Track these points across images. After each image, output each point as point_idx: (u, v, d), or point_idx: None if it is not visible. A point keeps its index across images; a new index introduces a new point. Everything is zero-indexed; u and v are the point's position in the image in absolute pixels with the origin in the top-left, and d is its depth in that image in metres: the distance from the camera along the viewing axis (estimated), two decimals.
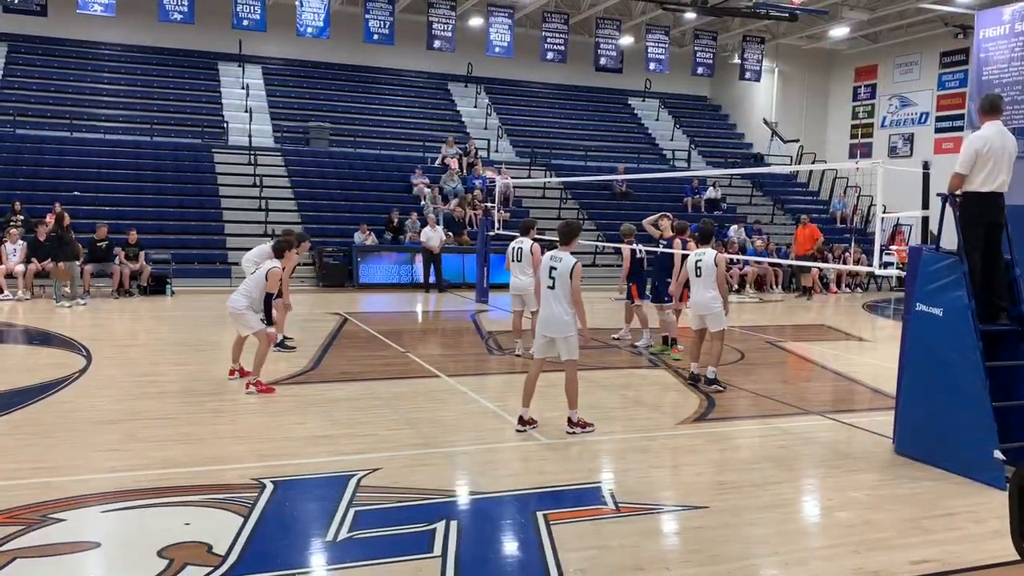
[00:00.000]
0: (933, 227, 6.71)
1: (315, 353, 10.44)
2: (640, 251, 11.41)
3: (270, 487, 5.41)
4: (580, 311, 6.90)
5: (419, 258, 19.23)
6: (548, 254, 7.09)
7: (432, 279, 18.83)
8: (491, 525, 5.07)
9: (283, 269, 9.71)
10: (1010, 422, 6.02)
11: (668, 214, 11.93)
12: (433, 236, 18.82)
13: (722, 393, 8.57)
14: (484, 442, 6.76)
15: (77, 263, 15.34)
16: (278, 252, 9.22)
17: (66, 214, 15.76)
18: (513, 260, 10.30)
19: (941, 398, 6.19)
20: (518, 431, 6.93)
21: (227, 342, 11.31)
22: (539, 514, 5.08)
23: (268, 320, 8.50)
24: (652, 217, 11.79)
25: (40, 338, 11.52)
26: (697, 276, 8.77)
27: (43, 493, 5.20)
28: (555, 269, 6.89)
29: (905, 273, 6.74)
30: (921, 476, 6.04)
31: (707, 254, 8.75)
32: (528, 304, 9.93)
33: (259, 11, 21.60)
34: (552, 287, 6.88)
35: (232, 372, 8.86)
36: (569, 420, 6.98)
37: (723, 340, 8.86)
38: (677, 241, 10.69)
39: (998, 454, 5.77)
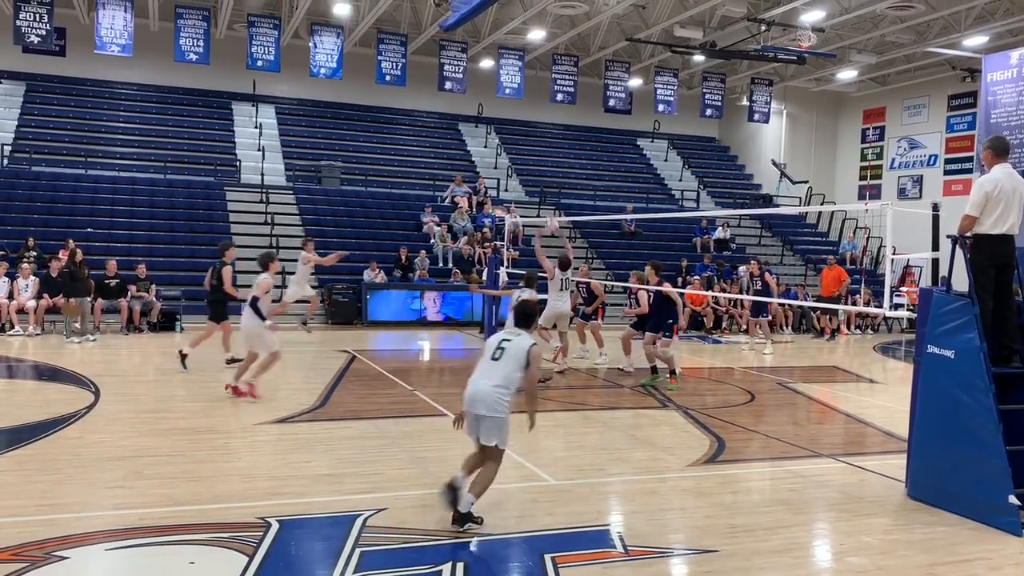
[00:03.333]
0: (943, 269, 6.70)
1: (323, 391, 10.42)
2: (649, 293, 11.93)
3: (276, 526, 5.36)
4: None
5: (430, 296, 19.25)
6: None
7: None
8: (499, 567, 5.01)
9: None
10: None
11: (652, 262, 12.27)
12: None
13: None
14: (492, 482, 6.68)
15: (88, 299, 15.42)
16: None
17: (79, 250, 15.88)
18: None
19: (954, 442, 6.12)
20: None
21: (231, 378, 11.32)
22: (547, 557, 5.02)
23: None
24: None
25: (49, 373, 11.54)
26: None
27: (47, 530, 5.17)
28: None
29: (916, 315, 6.71)
30: (935, 521, 5.95)
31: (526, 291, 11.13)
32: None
33: (273, 52, 21.97)
34: None
35: None
36: None
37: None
38: (666, 285, 11.72)
39: (1013, 499, 5.68)
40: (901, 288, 22.09)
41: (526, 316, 5.94)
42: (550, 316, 12.35)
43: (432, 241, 21.72)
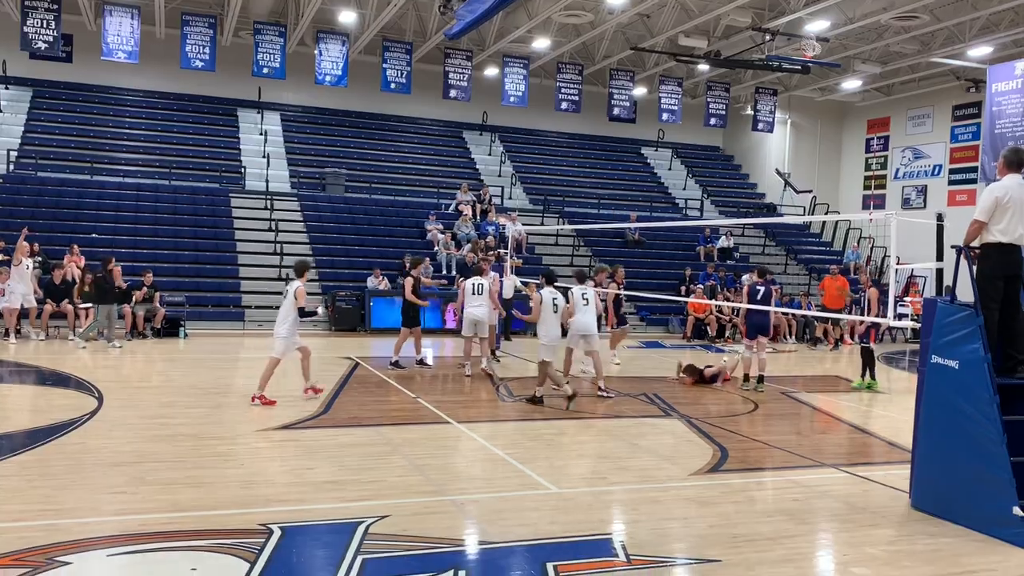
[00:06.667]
0: (948, 279, 6.69)
1: (326, 398, 10.42)
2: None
3: (277, 533, 5.35)
4: None
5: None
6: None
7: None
8: None
9: None
10: None
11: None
12: (506, 284, 16.87)
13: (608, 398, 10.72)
14: (494, 490, 6.68)
15: (115, 307, 15.41)
16: None
17: (112, 258, 15.79)
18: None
19: (958, 452, 6.10)
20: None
21: (238, 385, 11.34)
22: (549, 565, 5.00)
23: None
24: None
25: (53, 379, 11.56)
26: (584, 305, 11.13)
27: (49, 536, 5.16)
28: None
29: (920, 325, 6.70)
30: (939, 532, 5.92)
31: (589, 290, 11.34)
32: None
33: (279, 60, 22.07)
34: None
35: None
36: None
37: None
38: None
39: (1017, 511, 5.65)
40: (905, 298, 22.03)
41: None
42: (468, 323, 12.98)
43: (436, 248, 21.74)
